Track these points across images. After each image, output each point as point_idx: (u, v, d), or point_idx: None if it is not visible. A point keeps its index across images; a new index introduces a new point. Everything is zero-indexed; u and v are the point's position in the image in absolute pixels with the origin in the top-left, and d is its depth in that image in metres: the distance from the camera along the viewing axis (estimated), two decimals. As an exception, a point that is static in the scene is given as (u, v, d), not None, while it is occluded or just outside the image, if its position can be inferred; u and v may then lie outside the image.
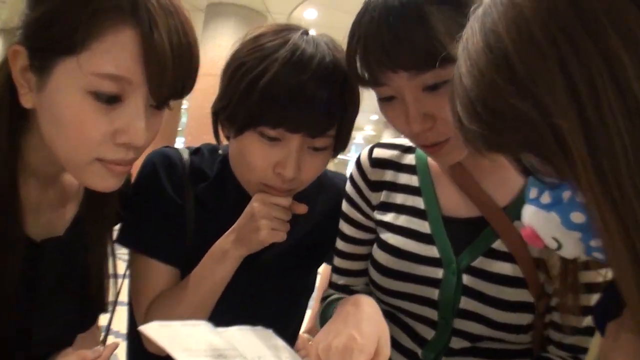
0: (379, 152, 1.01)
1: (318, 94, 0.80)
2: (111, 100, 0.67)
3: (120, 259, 0.95)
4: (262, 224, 0.85)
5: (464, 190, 0.88)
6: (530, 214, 0.55)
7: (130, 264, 0.97)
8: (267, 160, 0.85)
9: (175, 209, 0.94)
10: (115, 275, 0.94)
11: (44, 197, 0.81)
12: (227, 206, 0.97)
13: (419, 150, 0.96)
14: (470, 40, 0.49)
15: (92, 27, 0.63)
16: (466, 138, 0.52)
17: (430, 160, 0.94)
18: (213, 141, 1.02)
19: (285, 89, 0.79)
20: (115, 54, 0.64)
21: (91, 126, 0.66)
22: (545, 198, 0.53)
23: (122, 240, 0.94)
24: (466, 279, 0.84)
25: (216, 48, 6.94)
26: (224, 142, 0.99)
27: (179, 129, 11.14)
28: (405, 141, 0.99)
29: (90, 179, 0.72)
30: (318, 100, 0.80)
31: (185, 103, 11.11)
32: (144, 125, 0.69)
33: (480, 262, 0.84)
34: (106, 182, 0.73)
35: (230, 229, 0.91)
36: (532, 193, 0.55)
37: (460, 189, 0.88)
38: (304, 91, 0.79)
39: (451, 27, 0.69)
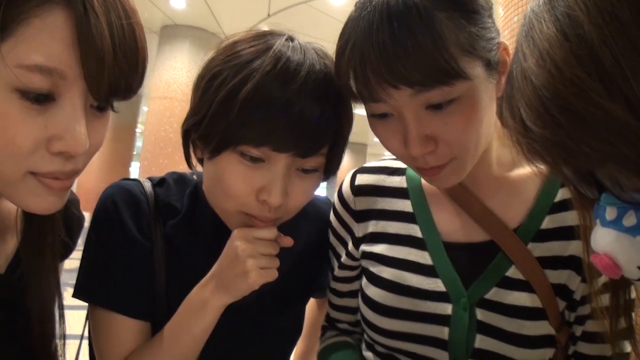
0: (362, 179, 0.90)
1: (307, 108, 0.69)
2: (41, 99, 0.54)
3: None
4: (250, 265, 0.72)
5: (468, 213, 0.78)
6: (607, 239, 0.45)
7: (91, 319, 0.81)
8: (250, 185, 0.72)
9: (141, 253, 0.79)
10: (62, 317, 0.77)
11: None
12: (201, 244, 0.84)
13: (410, 171, 0.86)
14: (536, 27, 0.41)
15: (14, 9, 0.51)
16: (532, 148, 0.43)
17: (424, 181, 0.83)
18: (170, 165, 1.03)
19: (269, 102, 0.68)
20: (43, 41, 0.52)
21: (19, 132, 0.54)
22: (630, 220, 0.44)
23: (81, 293, 0.79)
24: (480, 314, 0.73)
25: (171, 70, 6.89)
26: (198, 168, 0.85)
27: (134, 153, 10.98)
28: (391, 163, 0.90)
29: (24, 197, 0.59)
30: (308, 115, 0.69)
31: (140, 127, 11.02)
32: (83, 129, 0.57)
33: (495, 294, 0.73)
34: (43, 202, 0.60)
35: (209, 274, 0.77)
36: (610, 214, 0.45)
37: (464, 211, 0.78)
38: (291, 104, 0.68)
39: (462, 37, 0.61)
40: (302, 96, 0.69)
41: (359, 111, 0.75)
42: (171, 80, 6.94)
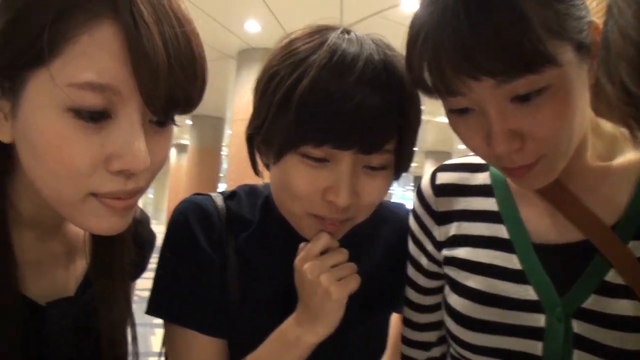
0: (443, 177, 0.83)
1: (367, 100, 0.64)
2: (96, 117, 0.52)
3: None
4: (325, 281, 0.69)
5: (560, 210, 0.69)
6: None
7: (166, 336, 0.80)
8: (315, 185, 0.68)
9: (214, 267, 0.78)
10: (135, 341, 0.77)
11: (45, 251, 0.69)
12: (274, 254, 0.81)
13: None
14: None
15: (60, 26, 0.49)
16: (633, 114, 0.38)
17: None
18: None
19: (326, 97, 0.64)
20: (93, 57, 0.51)
21: (76, 152, 0.52)
22: None
23: (154, 309, 0.78)
24: (577, 325, 0.65)
25: (250, 93, 6.13)
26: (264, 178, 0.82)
27: (221, 175, 11.31)
28: (473, 159, 0.82)
29: (87, 219, 0.57)
30: (368, 108, 0.64)
31: (225, 149, 11.53)
32: (143, 145, 0.54)
33: (593, 302, 0.64)
34: (106, 223, 0.58)
35: (297, 313, 0.74)
36: None
37: (558, 209, 0.69)
38: (349, 98, 0.64)
39: (549, 17, 0.53)
40: (361, 88, 0.65)
41: (441, 119, 0.69)
42: (251, 102, 7.08)
